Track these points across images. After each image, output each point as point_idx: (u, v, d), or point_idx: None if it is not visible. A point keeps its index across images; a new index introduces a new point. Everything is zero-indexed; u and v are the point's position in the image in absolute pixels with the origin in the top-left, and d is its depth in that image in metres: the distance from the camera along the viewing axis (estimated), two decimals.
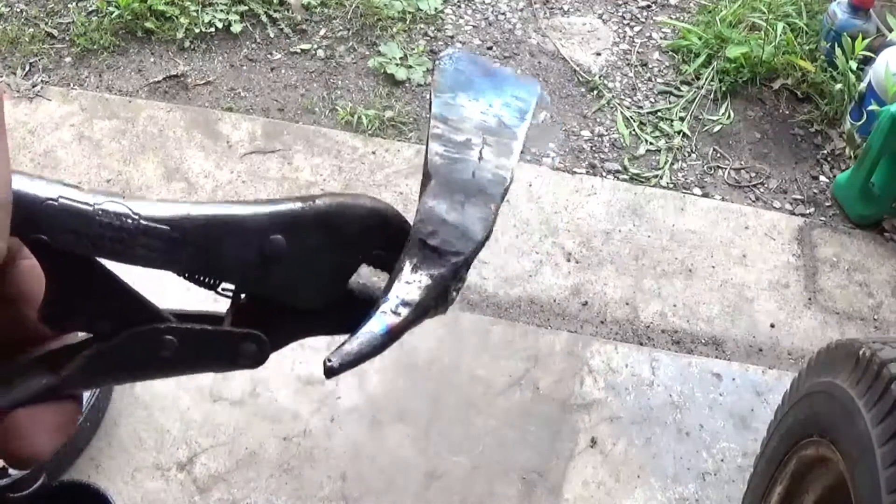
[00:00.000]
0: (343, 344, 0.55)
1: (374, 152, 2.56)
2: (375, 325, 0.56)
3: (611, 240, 2.42)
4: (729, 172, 2.72)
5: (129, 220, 0.49)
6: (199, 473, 1.88)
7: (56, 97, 2.64)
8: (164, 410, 1.96)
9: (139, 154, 2.51)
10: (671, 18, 3.17)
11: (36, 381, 0.51)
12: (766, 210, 2.59)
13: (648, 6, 3.23)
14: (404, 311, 0.56)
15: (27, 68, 2.75)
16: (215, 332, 0.56)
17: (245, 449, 1.93)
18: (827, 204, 2.66)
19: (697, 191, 2.64)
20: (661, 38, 3.10)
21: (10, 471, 1.77)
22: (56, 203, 0.47)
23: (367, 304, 0.58)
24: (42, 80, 2.70)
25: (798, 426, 1.55)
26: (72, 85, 2.72)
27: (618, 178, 2.63)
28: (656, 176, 2.66)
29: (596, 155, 2.71)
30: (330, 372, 0.54)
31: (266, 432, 1.95)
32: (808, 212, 2.63)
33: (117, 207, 0.49)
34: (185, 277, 0.54)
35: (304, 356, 2.06)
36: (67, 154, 2.49)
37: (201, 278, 0.55)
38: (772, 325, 2.29)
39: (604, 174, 2.64)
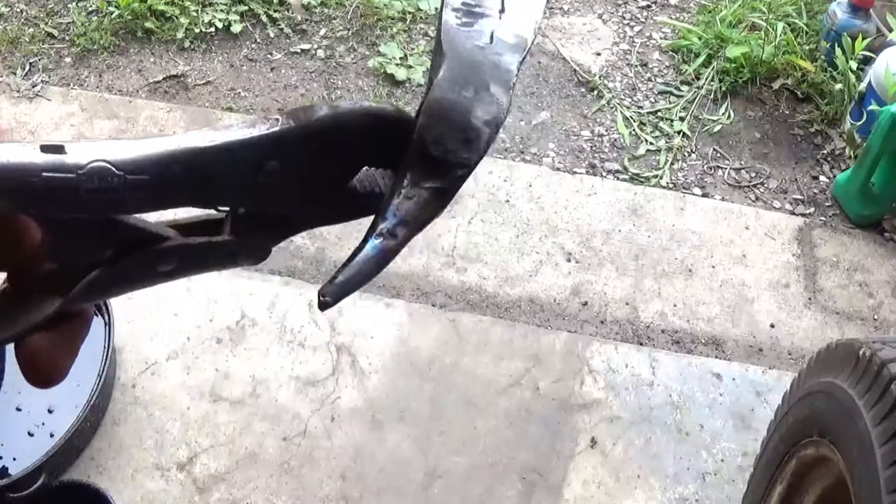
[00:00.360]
0: (336, 274, 0.53)
1: None
2: (370, 251, 0.54)
3: (611, 240, 2.42)
4: (729, 172, 2.72)
5: (115, 179, 0.48)
6: (199, 473, 1.88)
7: (56, 97, 2.64)
8: (164, 410, 1.96)
9: None
10: (671, 18, 3.17)
11: (47, 305, 0.51)
12: (766, 210, 2.59)
13: (648, 6, 3.23)
14: (401, 232, 0.54)
15: (27, 68, 2.75)
16: (215, 244, 0.55)
17: (245, 449, 1.93)
18: (827, 204, 2.66)
19: (697, 191, 2.64)
20: (661, 38, 3.10)
21: (10, 471, 1.78)
22: (38, 181, 0.45)
23: (368, 196, 0.57)
24: (42, 80, 2.70)
25: (798, 426, 1.55)
26: (72, 85, 2.72)
27: (618, 178, 2.63)
28: (656, 176, 2.66)
29: (596, 155, 2.71)
30: (323, 306, 0.53)
31: (266, 432, 1.95)
32: (808, 212, 2.63)
33: (101, 167, 0.48)
34: (182, 206, 0.54)
35: (304, 356, 2.06)
36: None
37: (197, 206, 0.54)
38: (772, 325, 2.29)
39: (604, 174, 2.64)
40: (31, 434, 1.88)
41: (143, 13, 2.87)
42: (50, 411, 1.90)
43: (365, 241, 0.54)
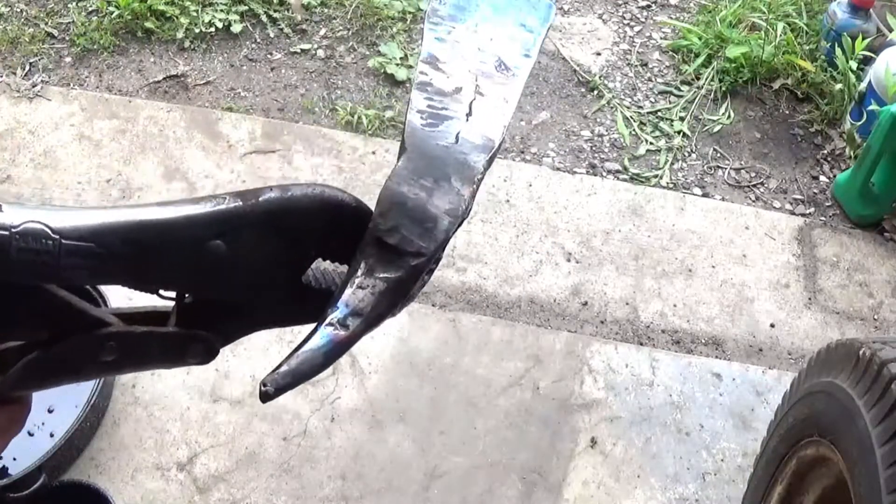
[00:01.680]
0: (281, 364, 0.50)
1: (374, 152, 2.56)
2: (318, 344, 0.51)
3: (611, 240, 2.42)
4: (729, 172, 2.72)
5: (50, 242, 0.46)
6: (199, 473, 1.88)
7: (56, 97, 2.64)
8: (164, 410, 1.96)
9: (139, 154, 2.51)
10: (671, 18, 3.17)
11: None
12: (766, 210, 2.59)
13: (648, 6, 3.23)
14: (353, 323, 0.51)
15: (27, 68, 2.75)
16: (158, 335, 0.52)
17: (245, 449, 1.93)
18: (827, 204, 2.66)
19: (697, 191, 2.64)
20: (661, 38, 3.10)
21: (10, 471, 1.78)
22: None
23: (325, 294, 0.53)
24: (42, 80, 2.70)
25: (798, 426, 1.55)
26: (72, 85, 2.72)
27: (618, 178, 2.63)
28: (656, 176, 2.66)
29: (596, 155, 2.71)
30: (265, 396, 0.51)
31: (266, 432, 1.95)
32: (808, 212, 2.63)
33: (35, 228, 0.46)
34: (122, 285, 0.51)
35: None
36: (67, 154, 2.49)
37: (138, 286, 0.51)
38: (772, 325, 2.29)
39: (604, 174, 2.64)
40: (31, 434, 1.88)
41: (143, 13, 2.87)
42: (50, 411, 1.90)
43: (315, 330, 0.51)
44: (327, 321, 0.51)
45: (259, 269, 0.52)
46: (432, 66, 0.59)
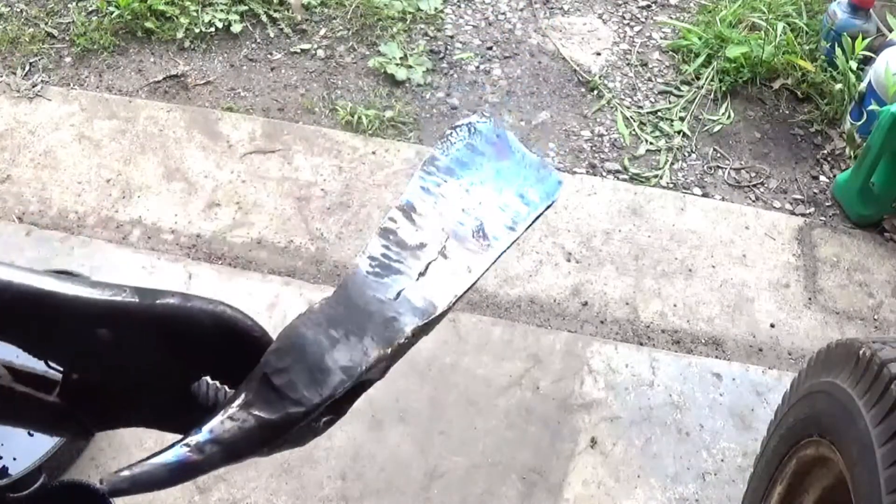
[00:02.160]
0: (127, 468, 0.49)
1: (374, 152, 2.56)
2: (169, 459, 0.49)
3: (611, 240, 2.42)
4: (729, 172, 2.72)
5: None
6: None
7: (56, 97, 2.64)
8: None
9: (139, 154, 2.51)
10: (671, 18, 3.17)
11: None
12: (766, 210, 2.59)
13: (648, 6, 3.23)
14: (210, 450, 0.49)
15: (27, 68, 2.75)
16: (36, 399, 0.51)
17: None
18: (827, 204, 2.66)
19: (697, 191, 2.64)
20: (661, 38, 3.10)
21: (10, 471, 1.78)
22: None
23: (208, 410, 0.52)
24: (42, 80, 2.70)
25: (798, 426, 1.55)
26: (72, 85, 2.72)
27: (618, 178, 2.63)
28: (656, 176, 2.66)
29: (596, 155, 2.71)
30: (101, 499, 0.50)
31: None
32: (808, 212, 2.63)
33: None
34: (11, 343, 0.50)
35: None
36: (67, 154, 2.49)
37: (27, 349, 0.50)
38: (772, 325, 2.29)
39: (604, 174, 2.64)
40: (31, 434, 1.88)
41: (143, 13, 2.87)
42: None
43: (172, 445, 0.50)
44: (185, 441, 0.50)
45: (144, 370, 0.51)
46: (405, 214, 0.57)
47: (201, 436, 0.49)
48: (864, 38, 2.74)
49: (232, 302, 0.53)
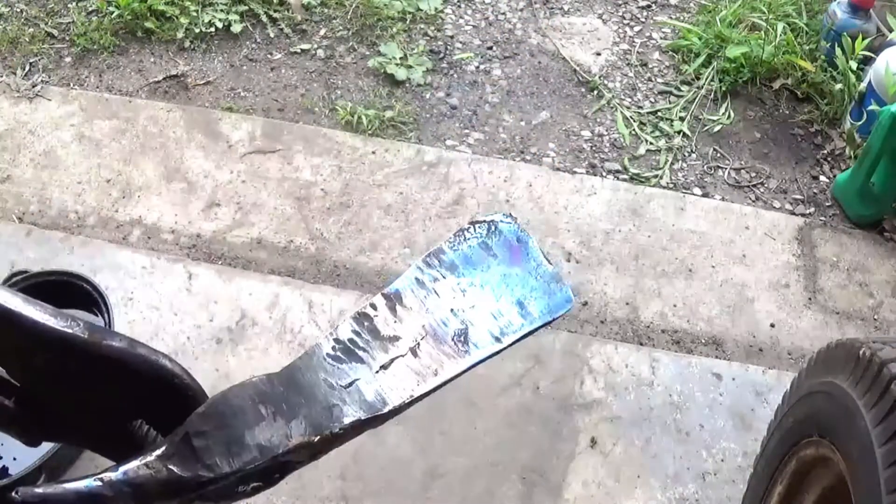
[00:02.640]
0: (45, 485, 0.51)
1: (374, 152, 2.56)
2: (81, 487, 0.50)
3: (611, 240, 2.42)
4: (729, 172, 2.72)
5: None
6: None
7: (56, 97, 2.64)
8: None
9: (139, 154, 2.51)
10: (671, 18, 3.17)
11: None
12: (766, 210, 2.59)
13: (648, 6, 3.23)
14: (120, 489, 0.50)
15: (27, 68, 2.75)
16: None
17: None
18: (827, 204, 2.66)
19: (697, 191, 2.64)
20: (661, 38, 3.10)
21: (10, 471, 1.78)
22: None
23: (139, 449, 0.53)
24: (42, 80, 2.70)
25: (798, 426, 1.55)
26: (72, 85, 2.73)
27: (618, 178, 2.63)
28: (656, 176, 2.66)
29: (596, 155, 2.71)
30: (12, 502, 0.51)
31: None
32: (808, 212, 2.63)
33: None
34: None
35: None
36: (67, 154, 2.49)
37: None
38: (772, 325, 2.29)
39: (604, 174, 2.64)
40: None
41: (143, 13, 2.87)
42: None
43: (91, 475, 0.51)
44: (100, 476, 0.51)
45: (86, 399, 0.52)
46: (388, 303, 0.55)
47: (116, 475, 0.51)
48: (864, 38, 2.74)
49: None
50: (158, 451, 0.51)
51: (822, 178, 2.73)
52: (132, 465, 0.51)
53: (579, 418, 2.03)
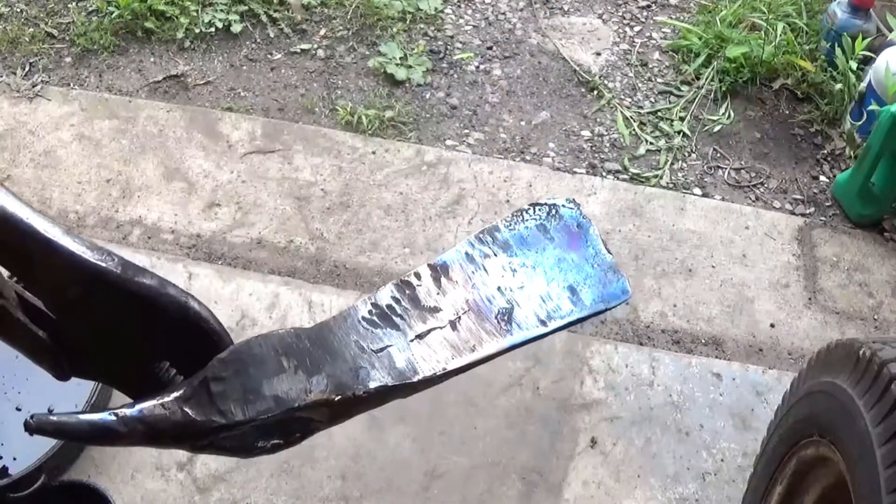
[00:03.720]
0: (59, 413, 0.53)
1: (374, 152, 2.57)
2: (95, 419, 0.52)
3: (611, 240, 2.42)
4: (729, 172, 2.72)
5: None
6: (199, 473, 1.88)
7: (56, 97, 2.64)
8: None
9: (139, 154, 2.51)
10: (671, 18, 3.17)
11: None
12: (766, 210, 2.59)
13: (648, 6, 3.23)
14: (134, 426, 0.51)
15: (27, 68, 2.75)
16: (27, 329, 0.55)
17: None
18: (827, 204, 2.66)
19: (697, 191, 2.64)
20: (661, 38, 3.10)
21: (10, 471, 1.78)
22: None
23: (162, 389, 0.54)
24: (42, 80, 2.70)
25: (798, 426, 1.55)
26: (72, 85, 2.73)
27: (618, 178, 2.63)
28: (656, 176, 2.66)
29: (596, 155, 2.71)
30: (26, 427, 0.52)
31: None
32: (808, 212, 2.63)
33: None
34: (10, 272, 0.54)
35: None
36: (67, 154, 2.49)
37: (24, 284, 0.54)
38: (772, 325, 2.29)
39: (604, 174, 2.64)
40: (31, 434, 1.88)
41: (143, 13, 2.87)
42: (50, 411, 1.90)
43: (107, 408, 0.53)
44: (115, 411, 0.52)
45: (114, 336, 0.53)
46: (433, 274, 0.54)
47: (131, 412, 0.52)
48: (864, 38, 2.74)
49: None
50: (176, 393, 0.52)
51: (822, 178, 2.73)
52: (148, 403, 0.51)
53: (579, 418, 2.03)
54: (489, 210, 2.45)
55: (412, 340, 0.52)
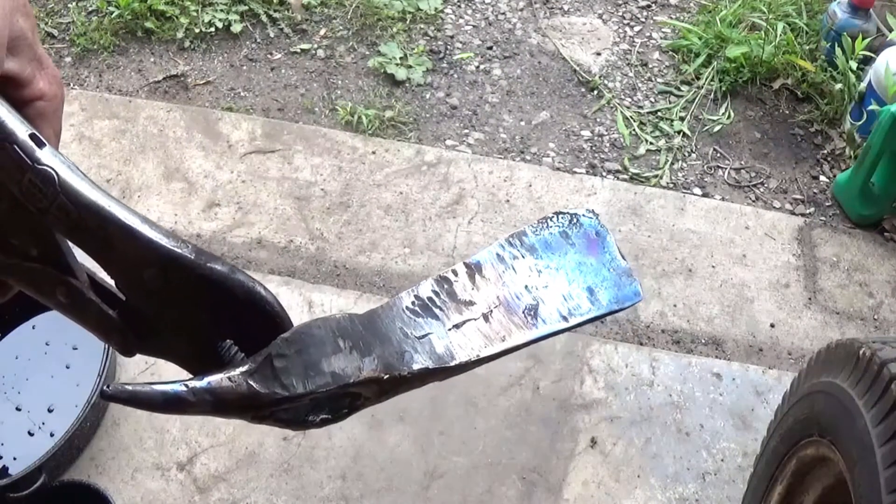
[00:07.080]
0: (133, 384, 0.57)
1: (374, 152, 2.56)
2: (167, 389, 0.56)
3: None
4: (729, 172, 2.72)
5: (51, 190, 0.55)
6: (199, 473, 1.88)
7: None
8: None
9: (139, 154, 2.51)
10: (671, 18, 3.17)
11: None
12: (766, 210, 2.59)
13: (648, 6, 3.23)
14: (202, 396, 0.55)
15: None
16: (98, 308, 0.59)
17: (245, 449, 1.93)
18: (827, 204, 2.66)
19: (697, 191, 2.64)
20: (661, 38, 3.10)
21: (10, 471, 1.78)
22: (5, 151, 0.53)
23: (222, 367, 0.58)
24: None
25: (798, 426, 1.55)
26: (72, 85, 2.72)
27: (618, 178, 2.63)
28: (656, 176, 2.66)
29: (596, 155, 2.71)
30: (102, 393, 0.56)
31: (266, 432, 1.95)
32: (808, 212, 2.63)
33: (48, 174, 0.55)
34: (89, 255, 0.58)
35: None
36: (67, 154, 2.49)
37: (101, 265, 0.58)
38: (772, 325, 2.29)
39: (604, 174, 2.64)
40: (31, 434, 1.88)
41: (143, 13, 2.87)
42: (50, 411, 1.90)
43: (177, 380, 0.57)
44: (185, 381, 0.57)
45: (181, 317, 0.58)
46: (469, 272, 0.60)
47: (200, 383, 0.56)
48: (864, 38, 2.74)
49: None
50: (242, 368, 0.56)
51: (822, 178, 2.73)
52: (216, 376, 0.56)
53: (579, 418, 2.03)
54: (489, 210, 2.45)
55: (450, 329, 0.58)
